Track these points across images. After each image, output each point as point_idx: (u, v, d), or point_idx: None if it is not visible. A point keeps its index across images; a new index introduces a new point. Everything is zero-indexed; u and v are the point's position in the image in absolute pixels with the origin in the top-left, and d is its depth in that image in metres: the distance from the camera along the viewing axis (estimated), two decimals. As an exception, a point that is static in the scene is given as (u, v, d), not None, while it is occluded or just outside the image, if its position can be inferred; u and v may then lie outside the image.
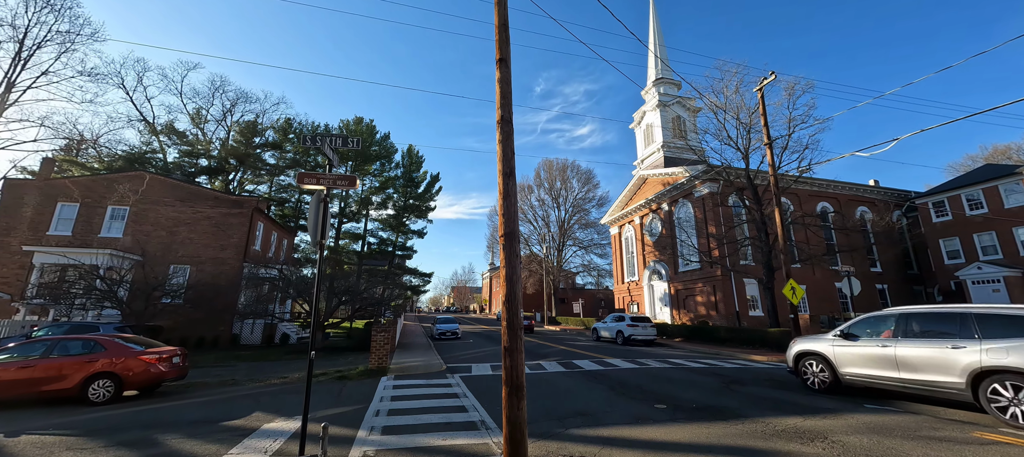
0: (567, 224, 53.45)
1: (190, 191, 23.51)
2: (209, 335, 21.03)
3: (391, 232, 44.42)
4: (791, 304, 15.23)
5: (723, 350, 18.33)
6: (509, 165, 4.69)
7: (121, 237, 21.37)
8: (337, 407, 7.98)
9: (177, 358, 9.52)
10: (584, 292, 63.41)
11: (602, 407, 7.71)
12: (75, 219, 21.43)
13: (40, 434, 6.24)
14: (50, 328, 14.61)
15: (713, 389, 9.39)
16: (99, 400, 8.21)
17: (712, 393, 8.94)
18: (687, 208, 30.62)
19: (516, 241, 4.37)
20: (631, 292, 37.46)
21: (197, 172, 36.95)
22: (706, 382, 10.29)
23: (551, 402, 8.15)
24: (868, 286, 29.68)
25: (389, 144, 43.99)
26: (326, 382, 10.73)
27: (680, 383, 10.15)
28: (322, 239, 3.85)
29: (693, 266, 29.37)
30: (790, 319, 15.23)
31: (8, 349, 8.33)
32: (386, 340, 12.22)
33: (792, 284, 15.10)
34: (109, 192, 21.96)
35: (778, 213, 16.08)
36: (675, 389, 9.38)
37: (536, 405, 7.86)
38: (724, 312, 26.57)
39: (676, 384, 10.02)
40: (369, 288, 24.10)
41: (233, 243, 22.90)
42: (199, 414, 7.56)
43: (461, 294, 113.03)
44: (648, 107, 37.33)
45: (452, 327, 25.93)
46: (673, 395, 8.72)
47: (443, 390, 9.45)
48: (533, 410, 7.44)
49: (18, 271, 19.59)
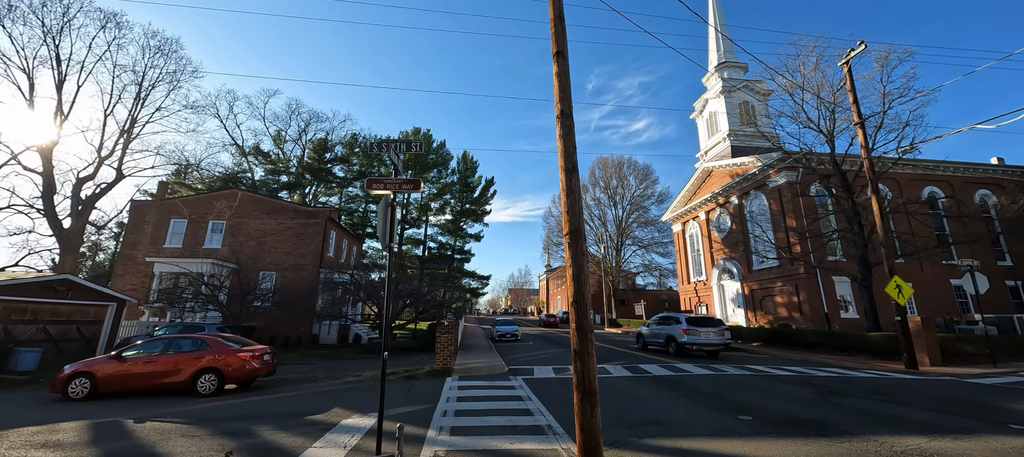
0: (625, 223, 51.57)
1: (274, 205, 26.02)
2: (293, 335, 23.04)
3: (449, 236, 45.88)
4: (897, 305, 13.24)
5: (812, 356, 16.46)
6: (571, 160, 4.49)
7: (220, 248, 24.18)
8: (407, 405, 8.24)
9: (267, 356, 10.45)
10: (646, 293, 60.76)
11: (678, 416, 7.17)
12: (185, 233, 24.63)
13: (160, 421, 7.12)
14: (167, 328, 16.85)
15: (807, 400, 8.37)
16: (206, 392, 9.24)
17: (806, 404, 7.97)
18: (760, 200, 28.07)
19: (582, 238, 4.16)
20: (698, 292, 35.13)
21: (279, 188, 40.91)
22: (797, 392, 9.23)
23: (620, 408, 7.76)
24: (996, 283, 25.14)
25: (445, 152, 45.53)
26: (395, 381, 11.18)
27: (766, 392, 9.19)
28: (391, 242, 3.95)
29: (770, 263, 26.82)
30: (896, 322, 13.25)
31: (135, 346, 9.68)
32: (449, 341, 12.49)
33: (897, 281, 13.13)
34: (210, 209, 24.98)
35: (876, 201, 14.11)
36: (761, 398, 8.51)
37: (604, 411, 7.51)
38: (810, 314, 23.90)
39: (761, 393, 9.09)
40: (431, 291, 24.98)
41: (310, 250, 24.94)
42: (286, 408, 8.19)
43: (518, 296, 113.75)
44: (710, 94, 34.89)
45: (512, 329, 26.04)
46: (759, 405, 7.90)
47: (507, 392, 9.41)
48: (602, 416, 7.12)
49: (143, 279, 22.91)
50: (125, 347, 9.64)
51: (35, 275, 14.29)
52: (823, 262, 23.86)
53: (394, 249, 3.88)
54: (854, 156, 20.74)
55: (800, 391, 9.32)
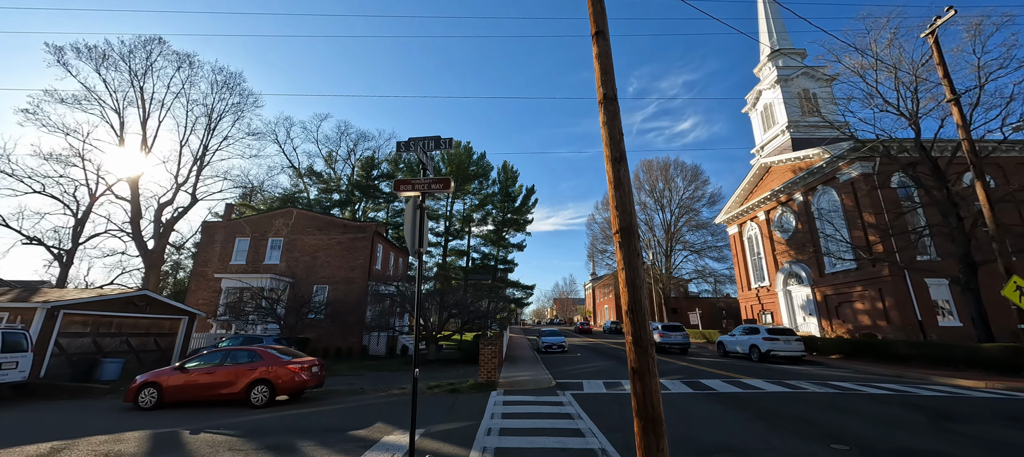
0: (674, 227, 49.00)
1: (326, 221, 27.25)
2: (344, 346, 23.75)
3: (492, 246, 45.90)
4: (1018, 310, 11.10)
5: (908, 372, 14.27)
6: (618, 149, 3.93)
7: (278, 263, 25.61)
8: (449, 422, 7.88)
9: (315, 368, 10.58)
10: (701, 301, 57.27)
11: (753, 442, 6.21)
12: (247, 250, 26.38)
13: (213, 433, 7.26)
14: (230, 339, 17.87)
15: (915, 426, 7.02)
16: (258, 404, 9.45)
17: (915, 432, 6.66)
18: (830, 196, 25.37)
19: (634, 237, 3.57)
20: (762, 299, 32.31)
21: (331, 205, 43.09)
22: (900, 415, 7.82)
23: (684, 431, 6.89)
24: None
25: (485, 163, 45.85)
26: (439, 395, 10.92)
27: (860, 415, 7.87)
28: (420, 247, 3.61)
29: (846, 265, 24.05)
30: (1020, 330, 11.09)
31: (196, 358, 10.15)
32: (494, 353, 12.08)
33: (1017, 282, 11.00)
34: (269, 227, 26.61)
35: (981, 188, 12.04)
36: (855, 423, 7.26)
37: (665, 433, 6.72)
38: (899, 322, 21.00)
39: (854, 416, 7.79)
40: (475, 301, 24.85)
41: (359, 264, 25.76)
42: (331, 421, 8.12)
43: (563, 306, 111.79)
44: (764, 85, 32.40)
45: (558, 340, 25.23)
46: (855, 431, 6.71)
47: (555, 408, 8.79)
48: (662, 440, 6.34)
49: (213, 294, 24.71)
50: (188, 359, 10.15)
51: (119, 291, 15.72)
52: (912, 262, 21.00)
53: (424, 253, 3.51)
54: (944, 140, 18.19)
55: (904, 414, 7.89)
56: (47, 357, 12.82)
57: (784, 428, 6.95)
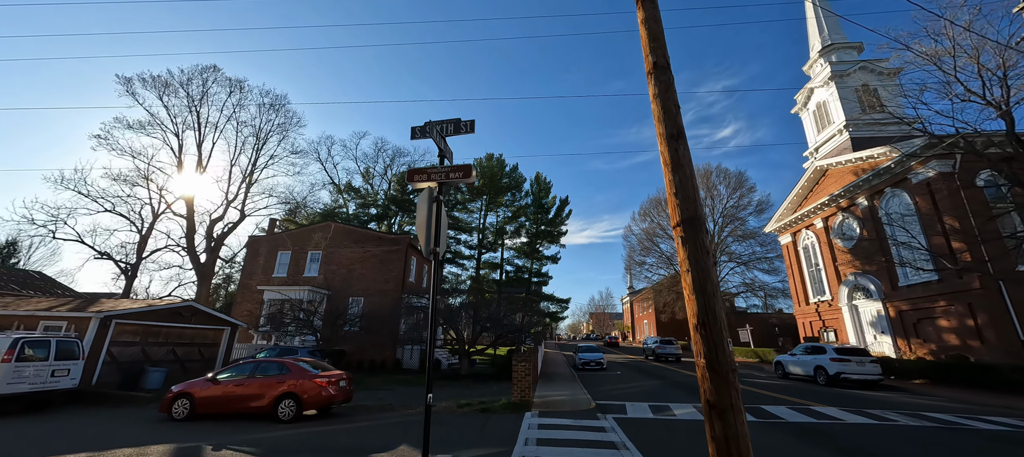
0: (718, 237, 46.25)
1: (361, 234, 27.69)
2: (377, 359, 23.68)
3: (526, 259, 45.18)
4: None
5: (1018, 402, 12.03)
6: (674, 124, 3.19)
7: (316, 276, 26.16)
8: (479, 447, 7.17)
9: (343, 382, 10.24)
10: (750, 316, 53.42)
11: (846, 489, 5.06)
12: (288, 263, 27.21)
13: (234, 449, 6.95)
14: (269, 351, 18.15)
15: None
16: (285, 418, 9.17)
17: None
18: (902, 199, 22.71)
19: (701, 229, 2.79)
20: (822, 315, 29.37)
21: (368, 220, 44.16)
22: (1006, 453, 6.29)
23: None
24: None
25: (518, 174, 45.53)
26: (470, 414, 10.24)
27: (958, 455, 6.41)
28: (436, 246, 3.02)
29: (926, 277, 21.26)
30: None
31: (227, 369, 10.10)
32: (527, 370, 11.29)
33: None
34: (308, 240, 27.36)
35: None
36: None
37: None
38: (995, 342, 18.12)
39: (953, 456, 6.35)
40: (509, 315, 24.12)
41: (393, 276, 25.84)
42: (354, 441, 7.63)
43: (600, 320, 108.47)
44: (816, 82, 29.99)
45: (596, 357, 23.94)
46: (976, 480, 5.36)
47: (596, 435, 7.87)
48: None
49: (256, 306, 25.55)
50: (220, 371, 10.12)
51: (167, 302, 16.41)
52: (1011, 272, 18.18)
53: (440, 254, 2.90)
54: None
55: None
56: (99, 365, 13.38)
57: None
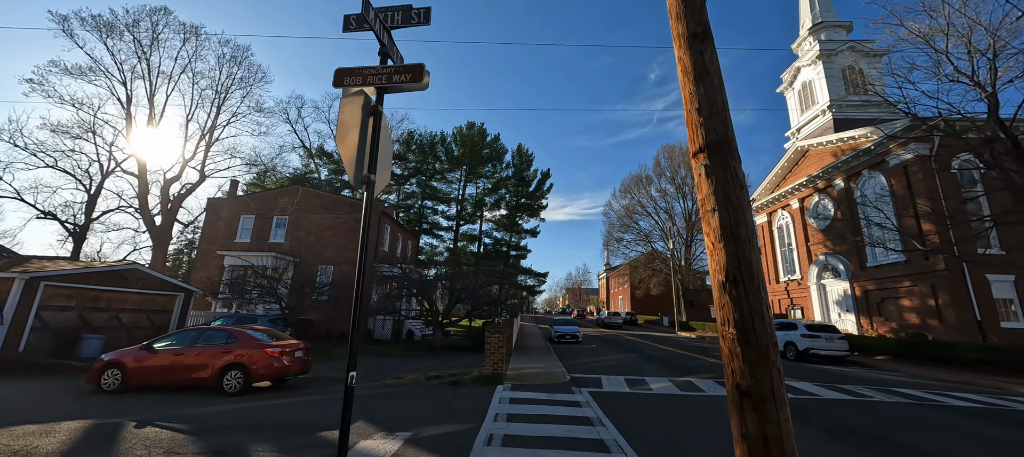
0: (695, 217, 46.74)
1: (332, 199, 26.23)
2: (347, 329, 22.85)
3: (505, 232, 44.53)
4: None
5: (977, 378, 12.37)
6: (698, 21, 2.40)
7: (283, 242, 24.73)
8: (443, 424, 6.54)
9: (300, 352, 9.40)
10: (720, 294, 54.79)
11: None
12: (252, 228, 25.60)
13: (160, 427, 6.07)
14: (225, 319, 17.00)
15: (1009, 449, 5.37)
16: (231, 391, 8.31)
17: None
18: (877, 180, 22.99)
19: (732, 155, 2.05)
20: (791, 294, 30.15)
21: (342, 187, 42.22)
22: (987, 433, 6.15)
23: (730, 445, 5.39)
24: None
25: (499, 145, 44.26)
26: (438, 387, 9.63)
27: (958, 436, 6.23)
28: (370, 173, 2.17)
29: (893, 258, 21.79)
30: None
31: (167, 337, 9.07)
32: (501, 343, 10.72)
33: None
34: (274, 205, 25.73)
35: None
36: (959, 449, 5.63)
37: (711, 447, 5.23)
38: (955, 322, 18.82)
39: (951, 437, 6.15)
40: (485, 286, 23.54)
41: (365, 245, 24.70)
42: (305, 416, 6.88)
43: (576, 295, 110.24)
44: (804, 61, 29.71)
45: (572, 330, 23.79)
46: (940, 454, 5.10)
47: (571, 411, 7.38)
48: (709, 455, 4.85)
49: (216, 272, 24.02)
50: (157, 338, 9.08)
51: (106, 264, 14.91)
52: (972, 255, 18.72)
53: (373, 181, 2.05)
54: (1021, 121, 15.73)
55: (1007, 436, 6.20)
56: (26, 331, 12.02)
57: (867, 451, 5.38)
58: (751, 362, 1.71)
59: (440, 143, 43.16)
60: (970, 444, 5.81)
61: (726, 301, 1.84)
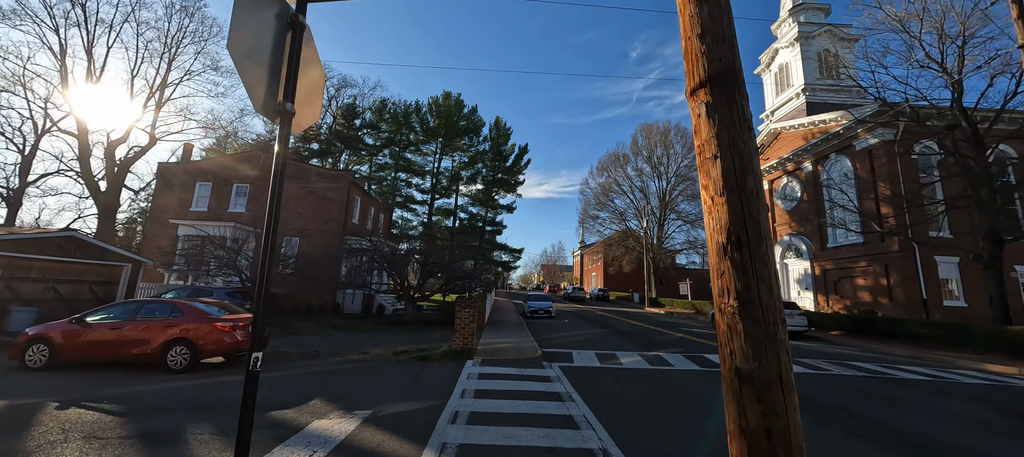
0: (669, 196, 47.52)
1: (298, 168, 24.82)
2: (315, 303, 22.05)
3: (481, 207, 43.93)
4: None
5: (921, 352, 13.14)
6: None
7: (244, 212, 23.33)
8: (407, 401, 6.22)
9: (255, 327, 8.76)
10: (690, 272, 56.72)
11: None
12: (210, 196, 23.99)
13: (87, 407, 5.46)
14: (178, 292, 15.96)
15: (1000, 429, 5.58)
16: (177, 368, 7.68)
17: (1008, 436, 5.21)
18: (843, 165, 23.74)
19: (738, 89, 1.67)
20: (755, 272, 31.32)
21: (309, 156, 40.21)
22: (965, 410, 6.41)
23: (707, 424, 5.33)
24: None
25: (477, 118, 43.06)
26: (406, 362, 9.29)
27: (912, 408, 6.43)
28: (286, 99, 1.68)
29: (852, 239, 22.79)
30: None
31: (103, 309, 8.26)
32: (471, 317, 10.43)
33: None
34: (234, 172, 24.12)
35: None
36: (919, 422, 5.79)
37: (680, 423, 5.14)
38: (903, 300, 19.98)
39: (909, 410, 6.35)
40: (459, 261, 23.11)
41: (334, 216, 23.66)
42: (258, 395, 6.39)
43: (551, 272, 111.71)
44: (782, 43, 29.92)
45: (545, 305, 23.87)
46: (925, 435, 5.22)
47: (541, 386, 7.20)
48: (679, 431, 4.75)
49: (170, 242, 22.50)
50: (91, 311, 8.25)
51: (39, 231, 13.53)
52: (924, 237, 19.73)
53: (291, 113, 1.54)
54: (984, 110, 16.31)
55: (970, 409, 6.48)
56: (-59, 302, 10.78)
57: (836, 426, 5.44)
58: (755, 341, 1.39)
59: (415, 113, 41.51)
60: (918, 414, 6.00)
61: (726, 267, 1.49)
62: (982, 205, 14.85)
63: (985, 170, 14.87)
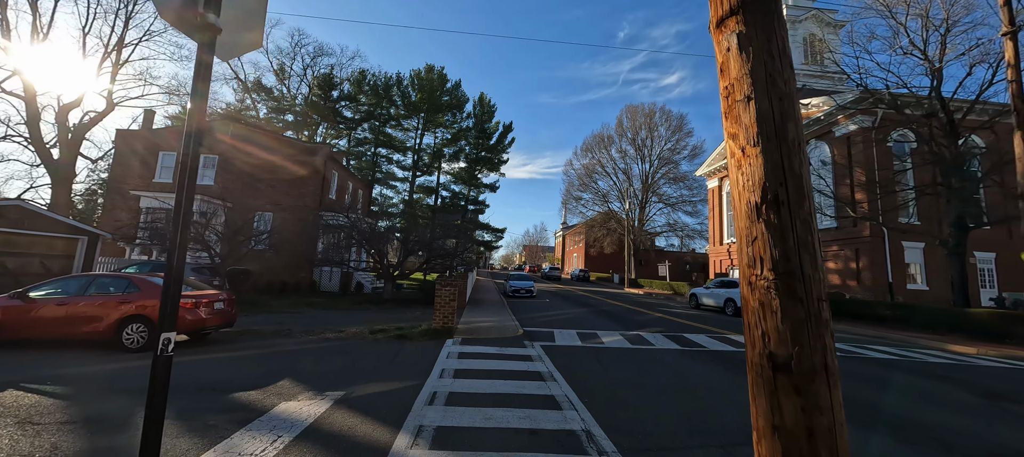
0: (652, 178, 47.88)
1: (271, 138, 23.63)
2: (291, 281, 21.37)
3: (463, 186, 43.26)
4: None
5: (887, 333, 13.67)
6: None
7: (212, 184, 22.15)
8: (382, 381, 5.94)
9: (221, 303, 8.28)
10: (668, 254, 57.84)
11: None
12: (175, 167, 22.66)
13: (26, 389, 4.98)
14: (141, 267, 15.09)
15: (971, 408, 5.72)
16: (133, 347, 7.16)
17: (977, 415, 5.33)
18: (822, 150, 24.17)
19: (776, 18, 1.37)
20: (732, 255, 32.09)
21: (284, 127, 38.45)
22: (935, 390, 6.57)
23: (689, 404, 5.26)
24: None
25: (460, 93, 41.90)
26: (383, 341, 8.99)
27: (888, 388, 6.57)
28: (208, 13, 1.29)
29: (826, 224, 23.43)
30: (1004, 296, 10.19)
31: (49, 284, 7.60)
32: (452, 295, 10.15)
33: (1040, 245, 9.95)
34: (200, 141, 22.74)
35: (1021, 140, 10.63)
36: (897, 401, 5.89)
37: (663, 403, 5.04)
38: (870, 283, 20.78)
39: (884, 390, 6.47)
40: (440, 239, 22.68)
41: (310, 191, 22.76)
42: (220, 375, 6.01)
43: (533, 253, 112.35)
44: (768, 28, 29.92)
45: (526, 285, 23.84)
46: (904, 415, 5.29)
47: (522, 366, 7.04)
48: (662, 411, 4.65)
49: (132, 215, 21.20)
50: (37, 285, 7.58)
51: (-22, 199, 12.43)
52: (893, 223, 20.39)
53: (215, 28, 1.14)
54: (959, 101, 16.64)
55: (938, 389, 6.64)
56: None
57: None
58: (794, 322, 1.13)
59: (396, 86, 40.02)
60: (894, 392, 6.12)
61: (759, 232, 1.22)
62: (952, 192, 15.33)
63: (957, 158, 15.29)
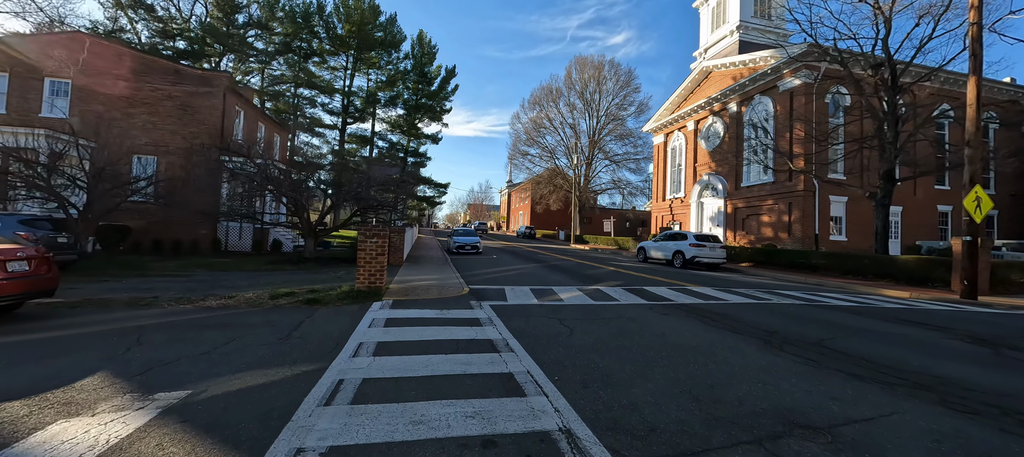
0: (599, 135, 47.36)
1: (145, 62, 18.83)
2: (187, 239, 17.83)
3: (402, 136, 39.63)
4: (970, 222, 10.43)
5: (824, 280, 14.11)
6: None
7: (66, 117, 17.26)
8: (265, 367, 4.05)
9: (24, 264, 5.66)
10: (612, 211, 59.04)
11: (821, 400, 3.54)
12: (8, 93, 17.33)
13: None
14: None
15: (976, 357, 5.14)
16: None
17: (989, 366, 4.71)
18: (765, 106, 24.48)
19: None
20: (674, 210, 32.79)
21: (176, 56, 31.77)
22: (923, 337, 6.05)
23: (689, 376, 4.03)
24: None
25: (396, 30, 37.28)
26: (287, 308, 6.94)
27: (863, 335, 5.94)
28: None
29: (764, 179, 24.15)
30: (965, 243, 10.52)
31: None
32: (380, 249, 8.20)
33: (978, 193, 10.17)
34: (44, 60, 17.47)
35: (975, 85, 10.57)
36: (892, 349, 5.17)
37: (654, 375, 3.75)
38: (800, 234, 21.90)
39: (858, 337, 5.82)
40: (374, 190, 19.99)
41: (206, 130, 18.72)
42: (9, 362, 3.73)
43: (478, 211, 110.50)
44: (720, -23, 29.20)
45: (472, 240, 22.24)
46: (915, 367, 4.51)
47: (469, 332, 5.48)
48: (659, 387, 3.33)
49: (-54, 154, 15.97)
50: None
51: None
52: (825, 177, 21.32)
53: None
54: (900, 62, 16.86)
55: (909, 332, 6.16)
56: None
57: (824, 364, 4.52)
58: None
59: (317, 14, 34.42)
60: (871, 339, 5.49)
61: None
62: (886, 145, 15.84)
63: (892, 111, 15.69)
